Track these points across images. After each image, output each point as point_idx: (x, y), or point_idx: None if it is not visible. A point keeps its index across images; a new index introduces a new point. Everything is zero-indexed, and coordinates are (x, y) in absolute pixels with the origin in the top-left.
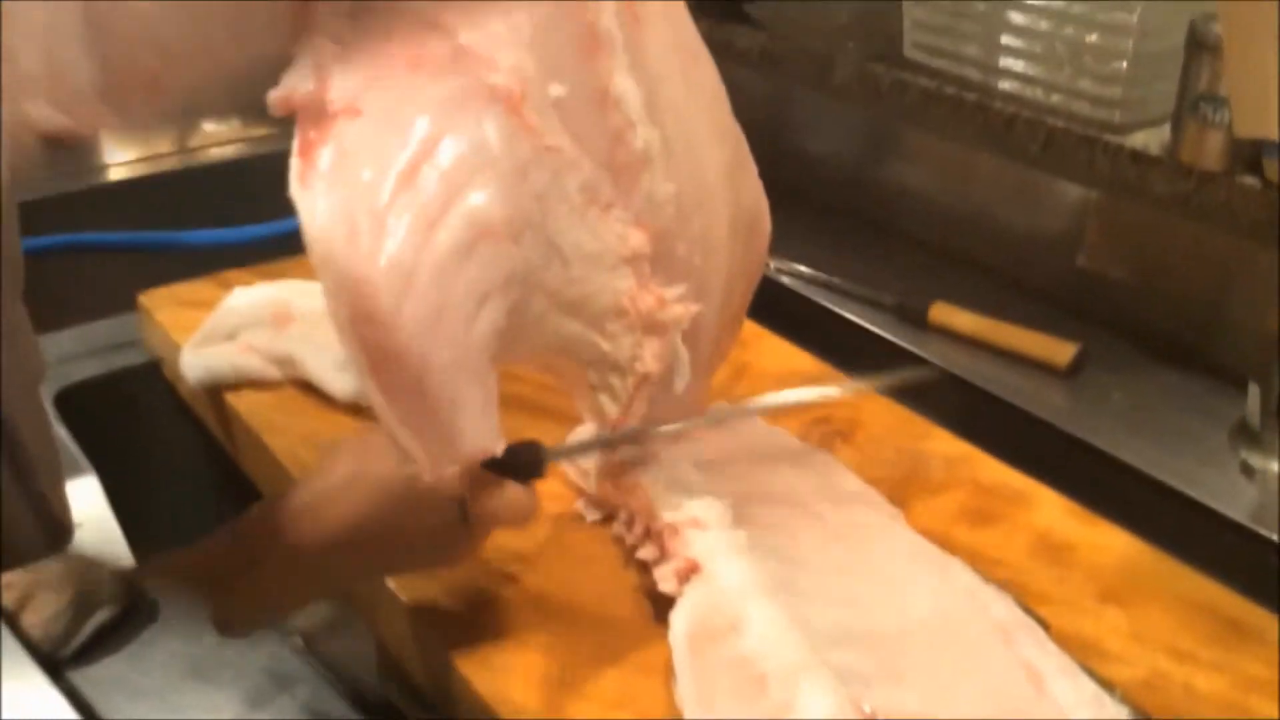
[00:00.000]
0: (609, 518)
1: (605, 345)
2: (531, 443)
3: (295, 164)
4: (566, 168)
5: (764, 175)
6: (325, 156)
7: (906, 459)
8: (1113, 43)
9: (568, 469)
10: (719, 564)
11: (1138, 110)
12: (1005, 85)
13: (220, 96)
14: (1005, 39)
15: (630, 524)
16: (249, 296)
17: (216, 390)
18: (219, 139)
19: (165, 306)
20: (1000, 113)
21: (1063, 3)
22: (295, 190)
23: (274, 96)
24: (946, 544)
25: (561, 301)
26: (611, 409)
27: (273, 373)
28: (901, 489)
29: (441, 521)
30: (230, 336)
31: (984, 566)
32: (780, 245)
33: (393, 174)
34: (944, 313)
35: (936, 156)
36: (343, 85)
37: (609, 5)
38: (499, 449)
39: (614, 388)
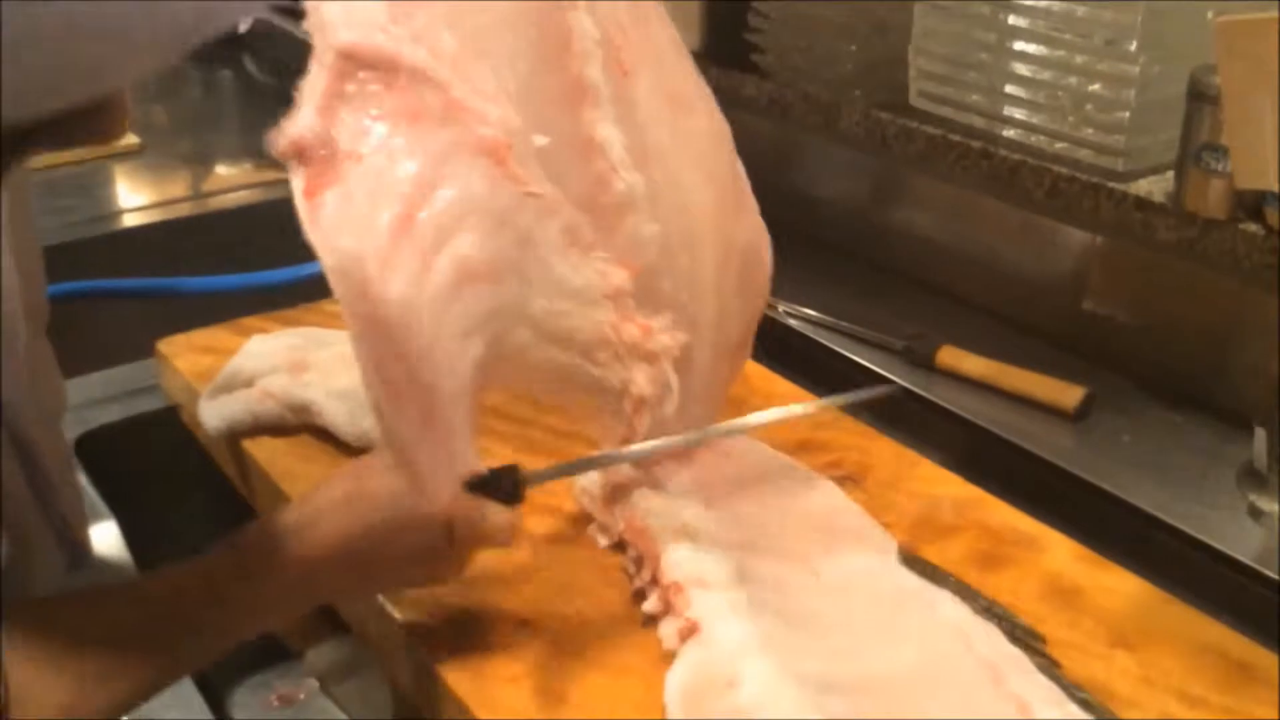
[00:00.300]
0: (619, 545)
1: (596, 372)
2: (512, 467)
3: (303, 205)
4: (547, 212)
5: (771, 219)
6: (330, 200)
7: (916, 503)
8: (1115, 93)
9: (580, 496)
10: (719, 626)
11: (1141, 158)
12: (1009, 133)
13: None
14: (1009, 88)
15: (639, 565)
16: (266, 344)
17: (234, 437)
18: (231, 184)
19: (183, 353)
20: (1005, 160)
21: (1064, 53)
22: (308, 230)
23: (285, 138)
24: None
25: (547, 333)
26: (617, 430)
27: (289, 419)
28: (911, 533)
29: (429, 541)
30: (247, 383)
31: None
32: (788, 288)
33: (391, 218)
34: (952, 356)
35: (942, 201)
36: (348, 132)
37: (597, 58)
38: (478, 470)
39: (617, 411)
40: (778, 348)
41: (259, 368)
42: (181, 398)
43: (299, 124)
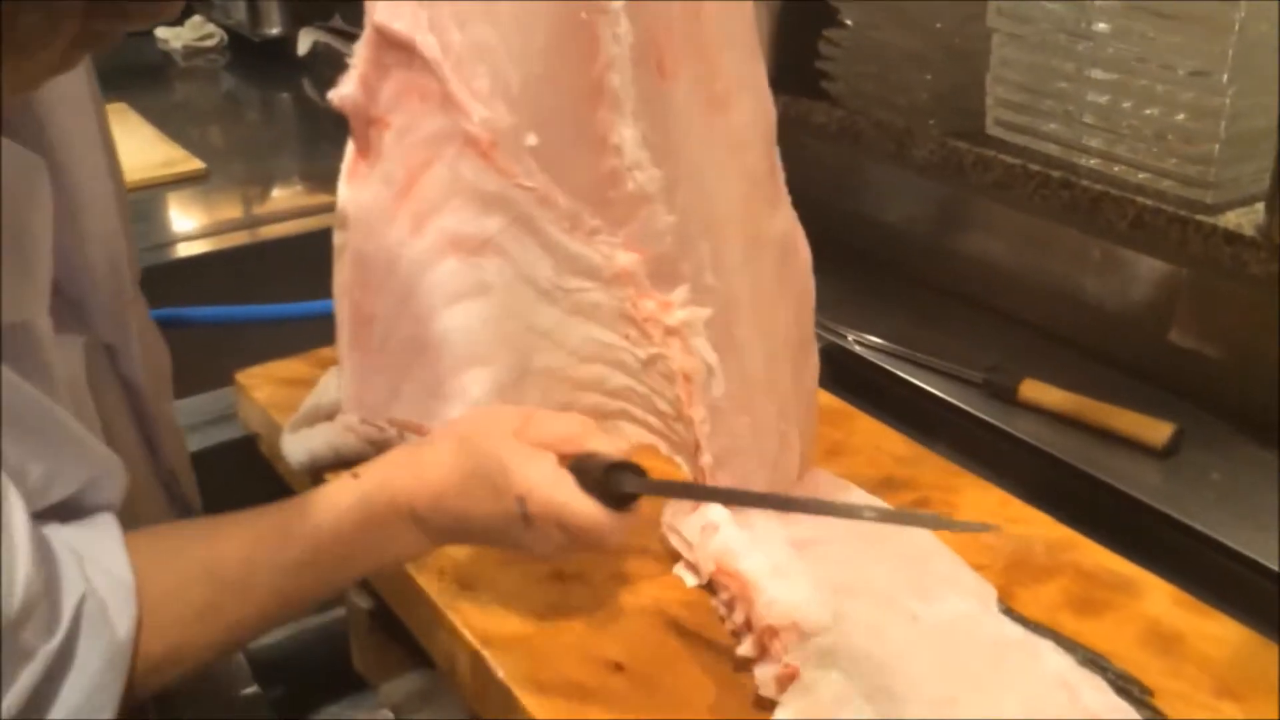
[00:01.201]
0: (708, 587)
1: (628, 355)
2: (622, 462)
3: (348, 158)
4: (539, 202)
5: (841, 244)
6: (363, 163)
7: (1007, 544)
8: (1203, 125)
9: (667, 533)
10: (817, 674)
11: (1229, 190)
12: (1090, 163)
13: None
14: (1088, 118)
15: (730, 607)
16: None
17: (316, 470)
18: (293, 209)
19: (262, 385)
20: (1087, 190)
21: (1147, 83)
22: (342, 179)
23: (337, 98)
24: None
25: (570, 306)
26: (634, 431)
27: (371, 453)
28: (1004, 576)
29: (505, 509)
30: (329, 417)
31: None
32: (859, 317)
33: (398, 184)
34: (1035, 389)
35: (1017, 229)
36: (382, 100)
37: (625, 63)
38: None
39: (675, 416)
40: (851, 378)
41: (338, 400)
42: (260, 429)
43: (345, 88)
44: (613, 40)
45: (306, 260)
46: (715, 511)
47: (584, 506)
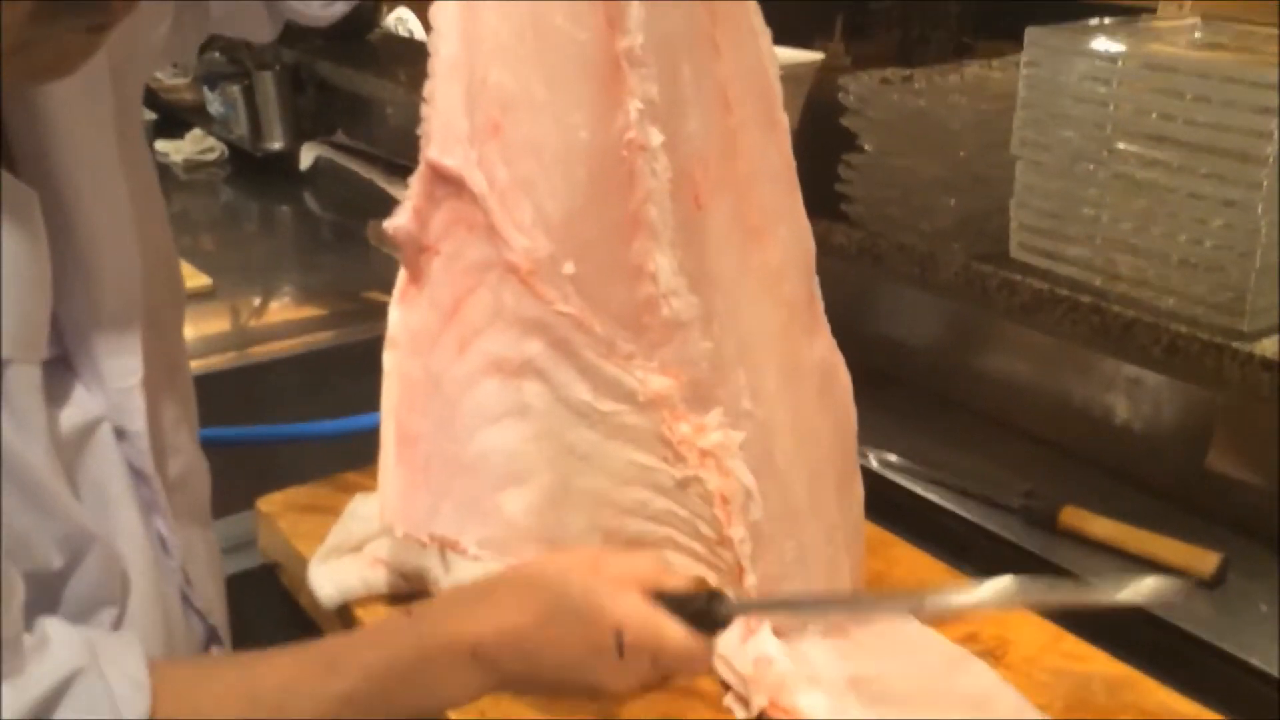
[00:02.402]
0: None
1: (667, 478)
2: (714, 591)
3: (400, 284)
4: (575, 328)
5: (863, 365)
6: (414, 287)
7: (1065, 682)
8: (1236, 252)
9: (718, 663)
10: None
11: (1264, 316)
12: (1119, 288)
13: None
14: (1115, 244)
15: None
16: (372, 505)
17: (346, 605)
18: (288, 329)
19: (285, 513)
20: (1119, 316)
21: (1176, 210)
22: (393, 303)
23: (390, 227)
24: None
25: (609, 429)
26: (679, 559)
27: (401, 586)
28: (1066, 716)
29: (597, 640)
30: (356, 548)
31: None
32: (883, 437)
33: (445, 308)
34: (1075, 517)
35: (1043, 352)
36: (433, 229)
37: (663, 194)
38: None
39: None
40: (879, 501)
41: (366, 530)
42: (283, 559)
43: (399, 219)
44: (650, 175)
45: (313, 377)
46: (769, 644)
47: (681, 635)
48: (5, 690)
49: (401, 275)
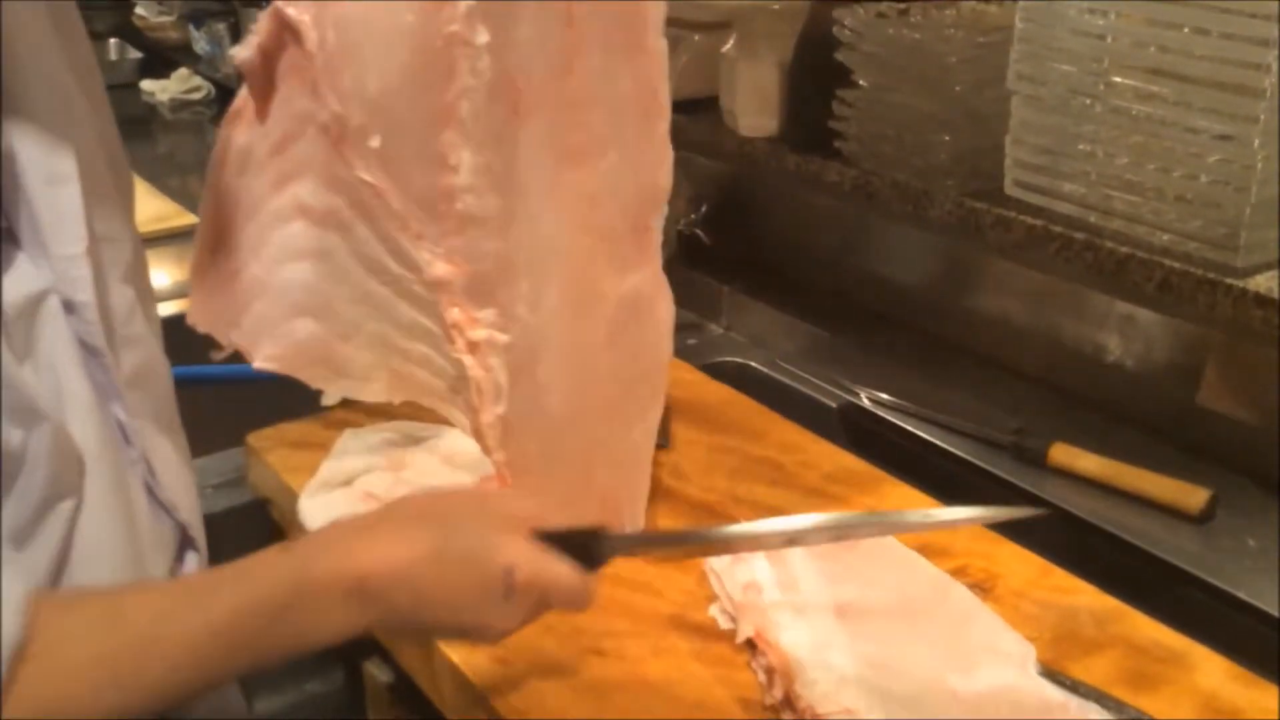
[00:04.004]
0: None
1: (431, 327)
2: (594, 528)
3: (238, 102)
4: (375, 196)
5: (856, 304)
6: (249, 110)
7: (1053, 615)
8: (1231, 188)
9: (709, 574)
10: None
11: (1258, 253)
12: (1113, 224)
13: None
14: (1110, 180)
15: (770, 677)
16: (361, 440)
17: None
18: None
19: (275, 448)
20: (1113, 252)
21: (1171, 145)
22: (228, 118)
23: (234, 54)
24: None
25: (392, 284)
26: (461, 419)
27: None
28: (1053, 649)
29: (486, 580)
30: (347, 482)
31: None
32: (875, 376)
33: (272, 142)
34: (1065, 454)
35: (1035, 288)
36: (277, 68)
37: (479, 93)
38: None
39: (459, 402)
40: (869, 438)
41: (357, 465)
42: (273, 494)
43: (245, 52)
44: (469, 72)
45: None
46: (760, 569)
47: (569, 574)
48: None
49: (239, 97)
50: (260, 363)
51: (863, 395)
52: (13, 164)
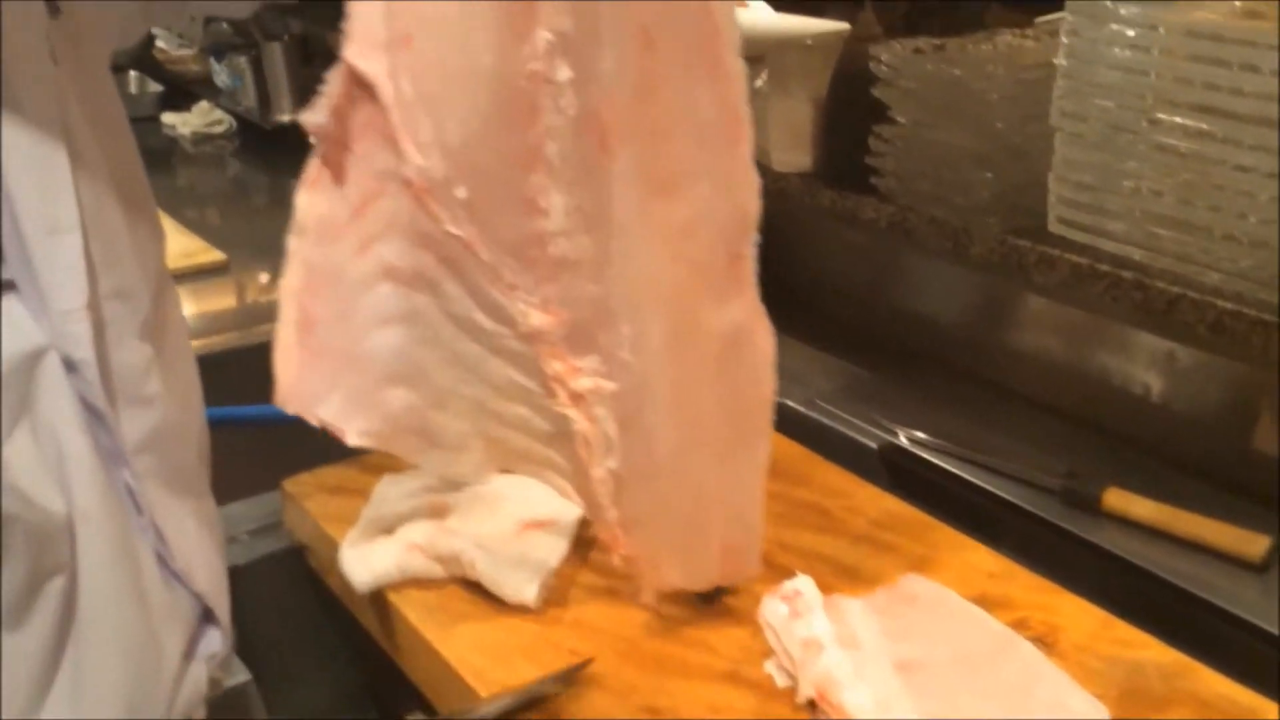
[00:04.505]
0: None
1: (546, 404)
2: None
3: (311, 169)
4: (464, 250)
5: (887, 340)
6: (326, 175)
7: (1119, 670)
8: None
9: (765, 630)
10: None
11: None
12: (1160, 263)
13: None
14: (1156, 217)
15: None
16: (401, 487)
17: (378, 588)
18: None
19: (313, 494)
20: (1163, 292)
21: (1220, 182)
22: (302, 187)
23: (303, 120)
24: None
25: (491, 347)
26: (560, 482)
27: (437, 571)
28: (1119, 707)
29: None
30: (388, 531)
31: None
32: (913, 415)
33: (352, 205)
34: (1120, 499)
35: (1076, 327)
36: (350, 127)
37: (565, 131)
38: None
39: (559, 463)
40: (911, 479)
41: (398, 512)
42: (311, 541)
43: (317, 116)
44: (554, 110)
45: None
46: (819, 625)
47: None
48: None
49: (313, 162)
50: (354, 439)
51: (902, 435)
52: (11, 211)
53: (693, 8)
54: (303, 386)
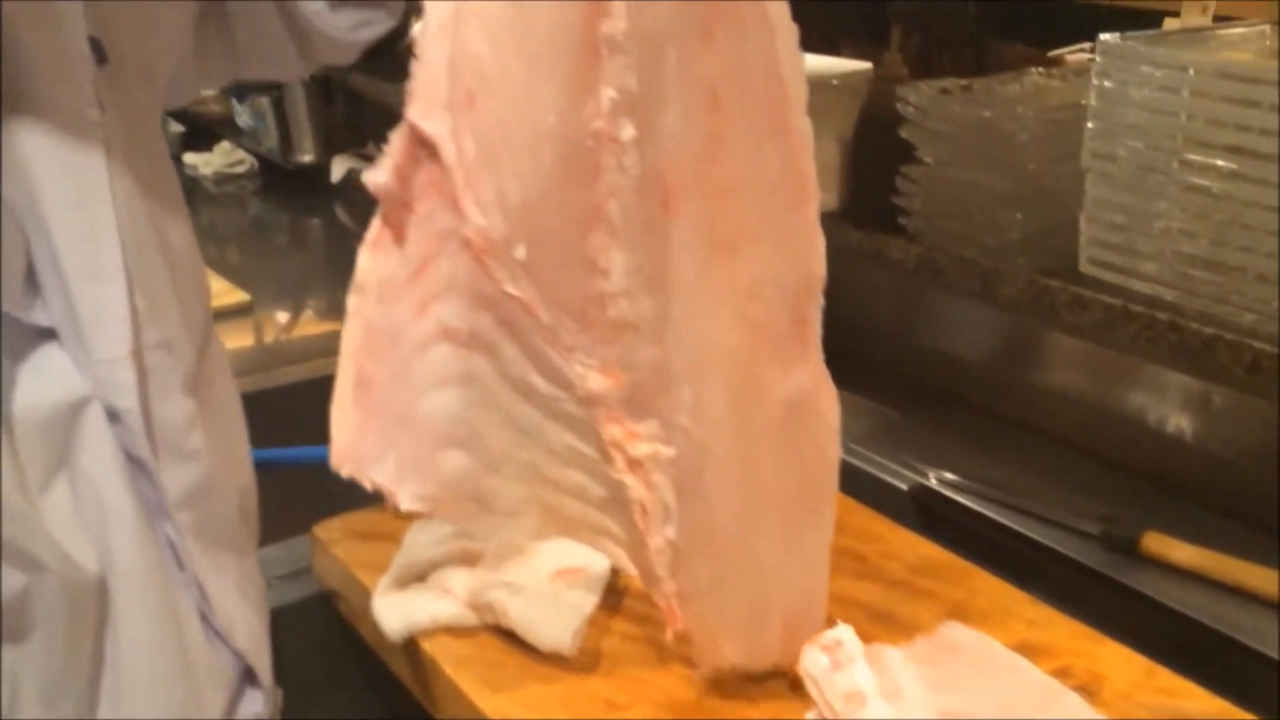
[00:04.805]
0: None
1: (603, 470)
2: None
3: (373, 230)
4: (523, 311)
5: (915, 380)
6: (386, 235)
7: None
8: None
9: (807, 681)
10: None
11: None
12: (1194, 304)
13: None
14: (1189, 259)
15: None
16: (431, 533)
17: (411, 637)
18: (307, 352)
19: (342, 540)
20: (1198, 333)
21: (1253, 223)
22: (364, 248)
23: (366, 181)
24: None
25: (547, 409)
26: (616, 551)
27: (470, 619)
28: None
29: None
30: (421, 578)
31: None
32: (943, 456)
33: (413, 265)
34: (1159, 543)
35: (1111, 370)
36: (412, 187)
37: (628, 190)
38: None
39: (615, 532)
40: (945, 523)
41: (430, 559)
42: (342, 588)
43: (380, 175)
44: (617, 169)
45: (309, 407)
46: (862, 676)
47: None
48: None
49: (376, 222)
50: (407, 503)
51: (932, 477)
52: (54, 257)
53: (760, 66)
54: (358, 449)
